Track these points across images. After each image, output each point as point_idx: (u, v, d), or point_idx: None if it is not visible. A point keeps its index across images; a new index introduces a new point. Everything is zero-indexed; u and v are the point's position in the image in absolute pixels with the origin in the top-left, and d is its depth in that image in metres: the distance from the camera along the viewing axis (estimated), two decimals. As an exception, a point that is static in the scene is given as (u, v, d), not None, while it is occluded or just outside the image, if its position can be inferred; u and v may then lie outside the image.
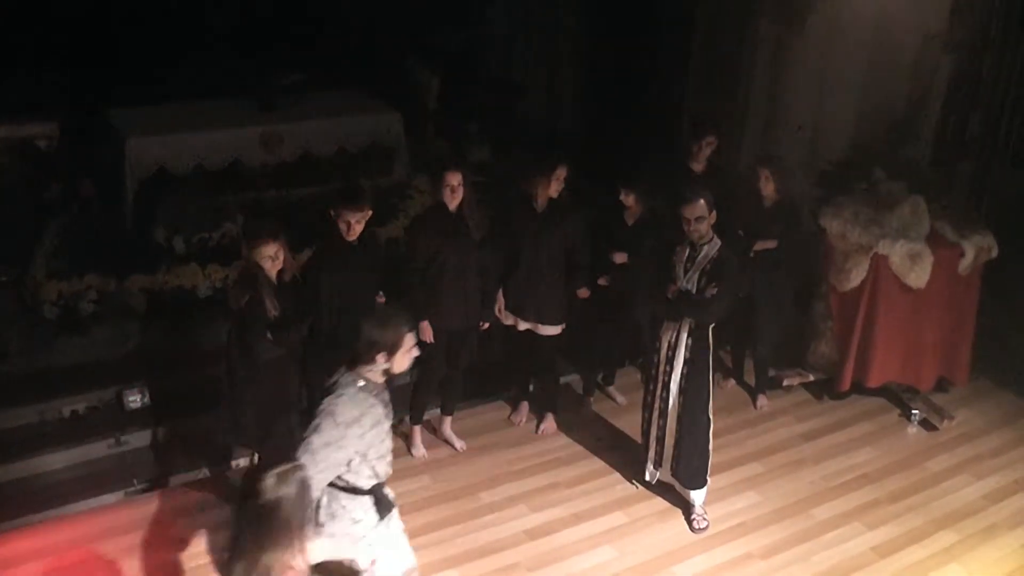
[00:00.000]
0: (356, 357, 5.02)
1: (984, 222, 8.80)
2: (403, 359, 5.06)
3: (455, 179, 7.15)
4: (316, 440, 4.87)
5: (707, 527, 7.17)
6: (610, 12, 11.81)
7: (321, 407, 4.95)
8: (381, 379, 5.08)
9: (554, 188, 7.50)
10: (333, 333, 6.65)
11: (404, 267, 7.31)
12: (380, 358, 4.98)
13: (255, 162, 9.91)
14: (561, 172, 7.47)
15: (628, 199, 7.82)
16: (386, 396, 5.17)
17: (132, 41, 10.68)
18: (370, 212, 6.77)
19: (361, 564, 5.24)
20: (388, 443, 5.22)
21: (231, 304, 6.27)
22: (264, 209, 9.41)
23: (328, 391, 5.03)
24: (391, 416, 5.24)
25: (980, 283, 8.71)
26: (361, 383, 4.99)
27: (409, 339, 5.06)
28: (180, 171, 9.61)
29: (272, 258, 6.27)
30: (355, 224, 6.66)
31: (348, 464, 5.01)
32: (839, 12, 9.53)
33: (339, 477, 5.04)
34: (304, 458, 4.78)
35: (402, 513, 6.92)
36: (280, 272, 6.38)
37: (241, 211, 9.33)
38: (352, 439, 4.93)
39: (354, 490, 5.15)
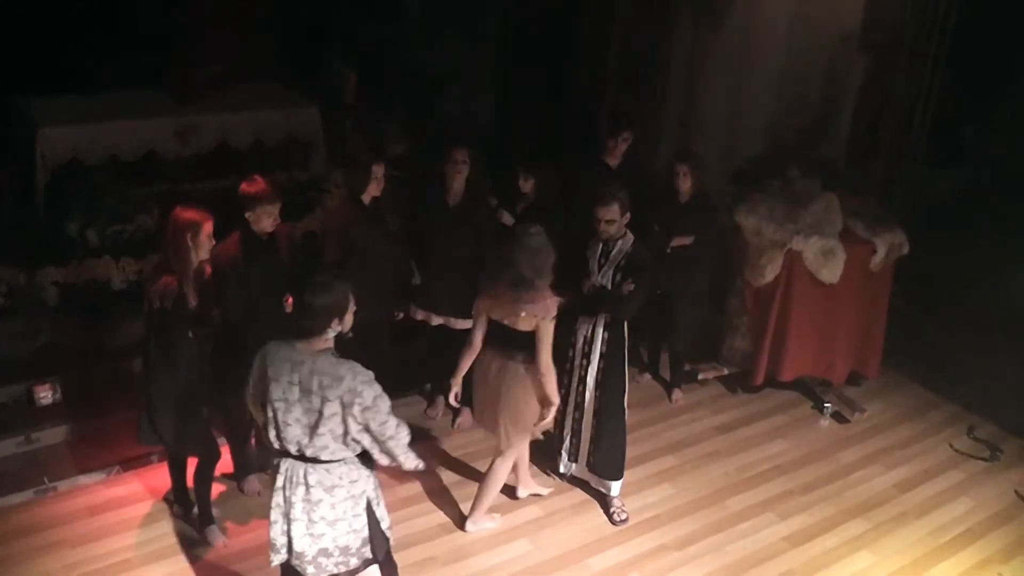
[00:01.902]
0: (310, 332, 4.99)
1: (896, 219, 8.95)
2: (350, 317, 5.10)
3: (380, 171, 7.14)
4: (386, 400, 5.00)
5: (627, 519, 7.23)
6: (530, 7, 11.83)
7: (355, 388, 4.90)
8: (332, 345, 5.08)
9: (452, 177, 7.47)
10: (244, 328, 6.54)
11: (320, 261, 7.25)
12: (335, 323, 5.00)
13: (170, 154, 9.77)
14: (459, 156, 7.43)
15: (527, 185, 7.84)
16: None
17: (45, 28, 10.46)
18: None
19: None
20: None
21: (159, 302, 6.03)
22: (179, 201, 9.26)
23: (307, 385, 4.96)
24: None
25: (892, 279, 8.87)
26: (334, 354, 5.02)
27: (351, 296, 5.10)
28: (93, 162, 9.44)
29: (209, 238, 6.15)
30: (277, 215, 6.61)
31: None
32: (756, 11, 9.64)
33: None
34: (396, 419, 5.05)
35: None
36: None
37: (156, 203, 9.20)
38: None
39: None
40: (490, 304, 6.29)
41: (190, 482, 6.73)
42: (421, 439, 7.82)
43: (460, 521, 7.04)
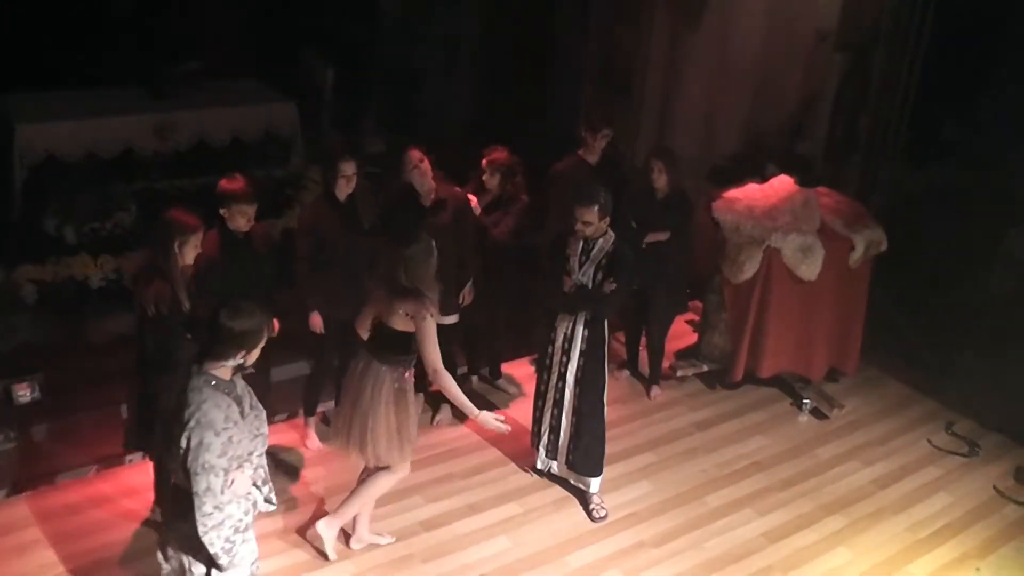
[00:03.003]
0: (211, 354, 4.71)
1: (874, 216, 8.98)
2: (256, 352, 4.80)
3: (350, 168, 7.12)
4: (210, 456, 4.58)
5: (606, 515, 7.23)
6: (507, 4, 11.81)
7: (189, 422, 4.59)
8: (230, 375, 4.77)
9: (419, 181, 7.46)
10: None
11: (294, 258, 7.25)
12: (240, 354, 4.72)
13: (148, 151, 9.75)
14: (415, 157, 7.38)
15: (492, 180, 7.83)
16: (239, 390, 4.84)
17: (22, 25, 10.41)
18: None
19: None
20: (252, 444, 4.91)
21: (155, 309, 5.97)
22: (157, 199, 9.25)
23: (179, 398, 4.71)
24: (253, 407, 4.94)
25: (870, 275, 8.90)
26: (213, 382, 4.68)
27: (267, 330, 4.82)
28: (71, 159, 9.41)
29: (196, 247, 6.13)
30: (252, 215, 6.63)
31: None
32: (733, 9, 9.65)
33: None
34: (209, 479, 4.60)
35: (296, 506, 6.94)
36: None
37: (134, 200, 9.17)
38: (227, 444, 4.66)
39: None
40: (374, 306, 6.21)
41: None
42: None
43: (441, 519, 7.06)
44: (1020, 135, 9.53)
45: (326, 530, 6.51)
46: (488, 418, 6.12)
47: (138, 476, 7.03)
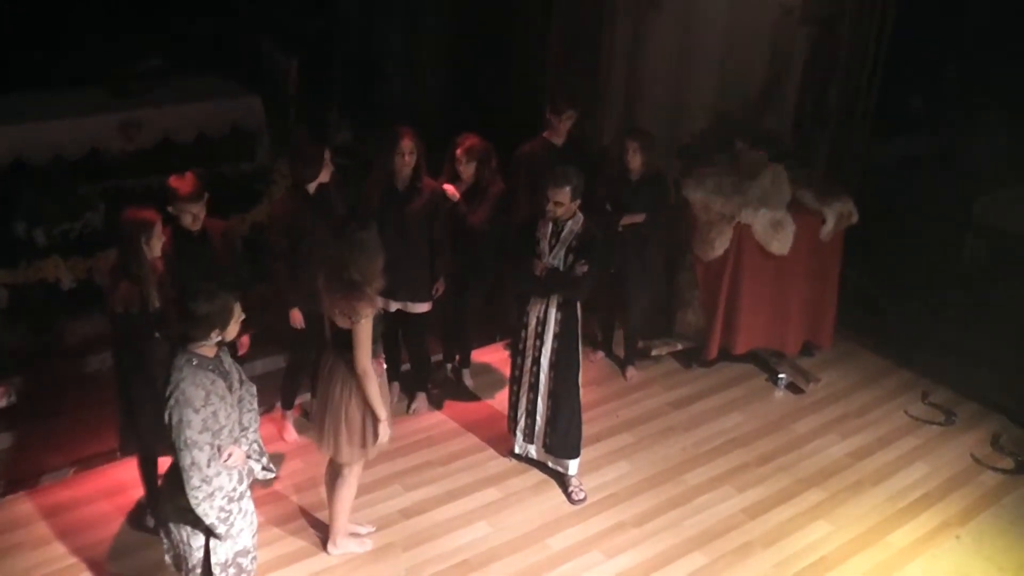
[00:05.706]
0: (187, 336, 4.90)
1: (844, 189, 8.99)
2: (234, 327, 4.99)
3: (329, 155, 7.13)
4: (191, 432, 4.77)
5: (585, 498, 7.25)
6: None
7: (169, 400, 4.79)
8: (212, 352, 4.96)
9: (400, 163, 7.43)
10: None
11: (269, 252, 7.22)
12: (214, 333, 4.89)
13: (114, 150, 9.70)
14: (406, 147, 7.36)
15: (468, 169, 7.81)
16: (226, 365, 5.06)
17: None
18: (207, 196, 6.61)
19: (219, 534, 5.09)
20: (247, 419, 5.18)
21: (124, 308, 5.95)
22: (126, 198, 9.19)
23: (163, 379, 4.90)
24: (243, 383, 5.19)
25: (842, 248, 8.91)
26: (195, 361, 4.85)
27: (237, 307, 4.99)
28: (37, 161, 9.36)
29: (160, 237, 6.11)
30: (199, 214, 6.54)
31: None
32: (698, -14, 9.62)
33: None
34: (192, 454, 4.78)
35: (278, 496, 6.94)
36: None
37: (102, 200, 9.12)
38: (211, 419, 4.84)
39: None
40: (324, 300, 6.09)
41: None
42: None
43: (420, 507, 7.06)
44: (986, 105, 9.59)
45: (343, 544, 6.59)
46: (384, 437, 6.10)
47: (119, 475, 7.02)
